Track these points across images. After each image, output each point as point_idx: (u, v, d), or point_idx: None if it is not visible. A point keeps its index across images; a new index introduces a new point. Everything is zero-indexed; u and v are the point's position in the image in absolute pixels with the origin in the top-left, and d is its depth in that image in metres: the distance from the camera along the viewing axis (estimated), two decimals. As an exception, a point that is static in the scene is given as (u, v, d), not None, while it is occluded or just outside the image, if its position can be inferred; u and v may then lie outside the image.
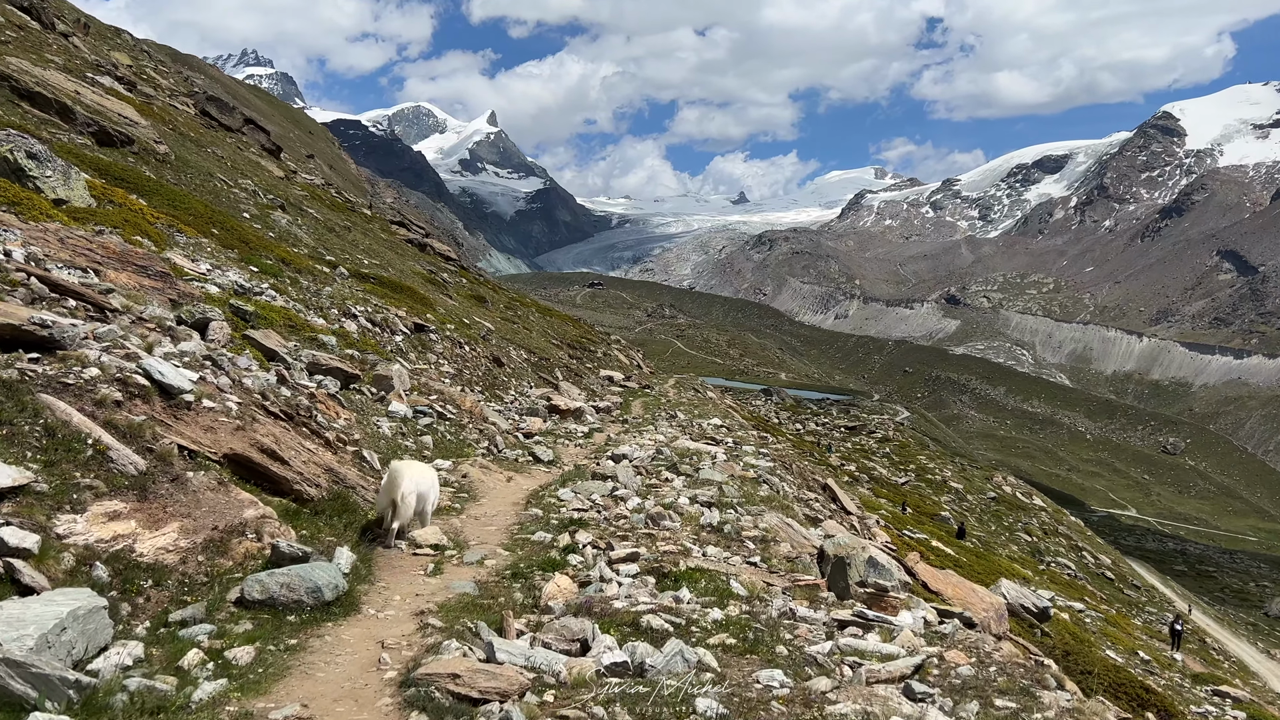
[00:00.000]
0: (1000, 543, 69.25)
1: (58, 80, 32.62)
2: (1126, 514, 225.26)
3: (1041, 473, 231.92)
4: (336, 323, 19.42)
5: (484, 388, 23.06)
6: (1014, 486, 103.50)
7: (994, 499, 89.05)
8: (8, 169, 15.96)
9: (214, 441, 7.24)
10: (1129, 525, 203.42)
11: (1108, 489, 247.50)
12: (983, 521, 77.20)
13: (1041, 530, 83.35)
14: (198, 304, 12.18)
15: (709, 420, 26.32)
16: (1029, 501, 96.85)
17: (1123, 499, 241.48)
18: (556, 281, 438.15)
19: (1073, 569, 69.60)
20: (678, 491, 11.63)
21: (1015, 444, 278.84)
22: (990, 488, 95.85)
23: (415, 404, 15.06)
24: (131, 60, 62.32)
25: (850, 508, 21.79)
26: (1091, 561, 80.00)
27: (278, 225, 35.80)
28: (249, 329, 13.70)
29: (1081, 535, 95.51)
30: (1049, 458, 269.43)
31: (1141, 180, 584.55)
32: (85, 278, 9.65)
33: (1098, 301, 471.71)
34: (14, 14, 43.58)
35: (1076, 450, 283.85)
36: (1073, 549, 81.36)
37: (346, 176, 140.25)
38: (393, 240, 60.23)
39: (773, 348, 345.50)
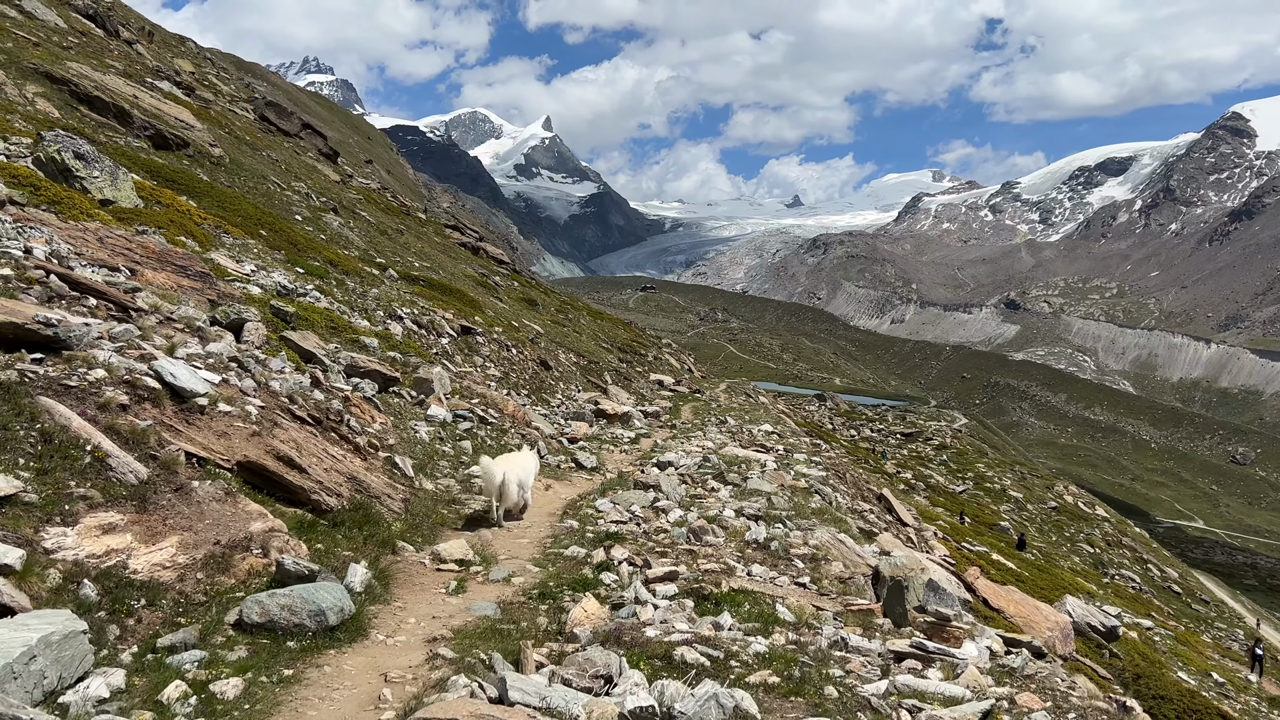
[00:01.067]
0: (1062, 554, 67.37)
1: (116, 85, 33.13)
2: (1193, 525, 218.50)
3: (1104, 482, 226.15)
4: (381, 325, 19.19)
5: (530, 391, 22.71)
6: (1076, 496, 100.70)
7: (1055, 509, 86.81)
8: (55, 169, 15.96)
9: (227, 448, 6.87)
10: (1196, 537, 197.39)
11: (1173, 499, 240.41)
12: (1043, 532, 75.22)
13: (1104, 541, 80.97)
14: (233, 304, 11.94)
15: (759, 426, 25.66)
16: (1091, 512, 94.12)
17: (1189, 510, 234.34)
18: (609, 285, 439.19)
19: (1137, 582, 67.47)
20: (723, 503, 11.01)
21: (1077, 452, 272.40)
22: (1051, 497, 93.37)
23: (455, 408, 14.70)
24: (194, 67, 63.59)
25: (907, 519, 20.96)
26: (1157, 574, 77.49)
27: (329, 228, 35.98)
28: (288, 330, 13.45)
29: (1146, 547, 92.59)
30: (1112, 467, 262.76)
31: (1209, 182, 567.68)
32: (112, 276, 9.42)
33: (1163, 307, 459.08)
34: (78, 21, 44.58)
35: (1141, 459, 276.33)
36: (1137, 561, 78.89)
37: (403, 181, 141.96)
38: (446, 244, 60.53)
39: (827, 352, 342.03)
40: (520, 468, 10.92)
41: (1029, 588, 20.27)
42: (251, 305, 14.08)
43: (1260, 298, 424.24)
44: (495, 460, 10.76)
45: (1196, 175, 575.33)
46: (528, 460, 11.42)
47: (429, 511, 9.30)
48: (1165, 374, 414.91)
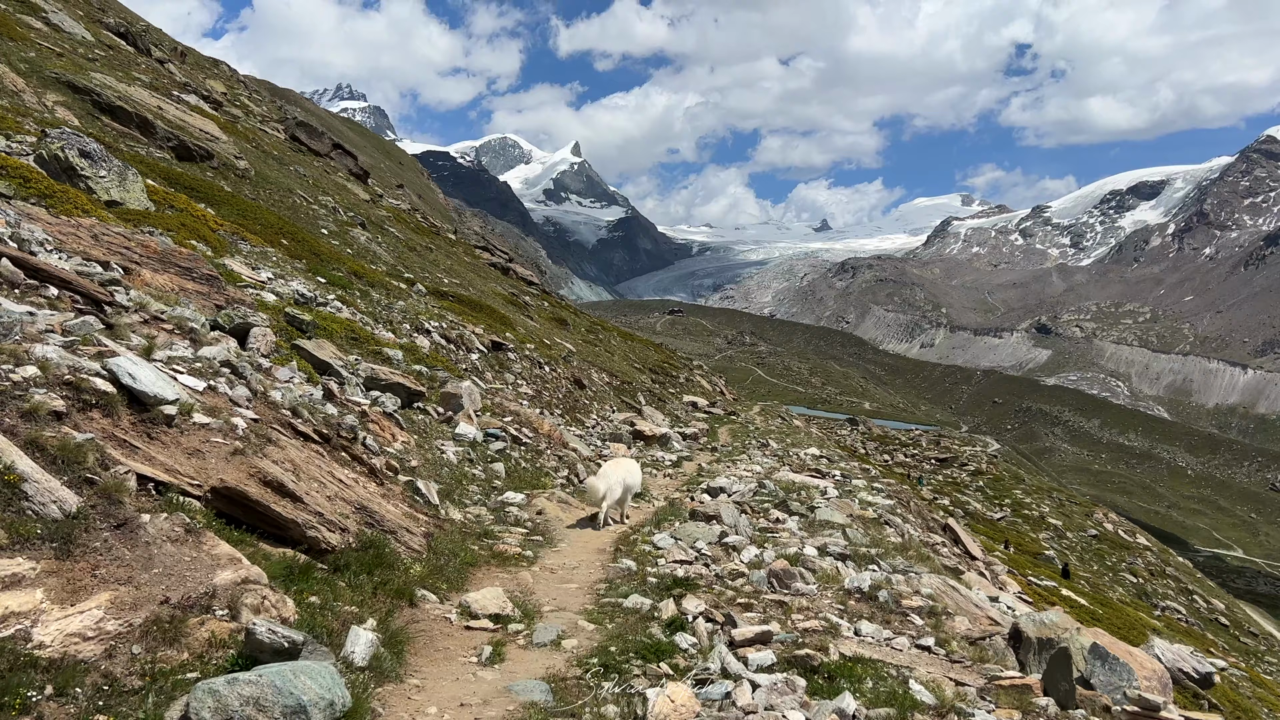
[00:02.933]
0: (1105, 584, 65.00)
1: (140, 96, 32.32)
2: (1232, 554, 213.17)
3: (1139, 509, 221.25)
4: (407, 337, 17.87)
5: (564, 410, 21.27)
6: (1115, 524, 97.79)
7: (1095, 536, 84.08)
8: (59, 168, 14.80)
9: (198, 470, 5.43)
10: (1237, 567, 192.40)
11: (1211, 527, 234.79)
12: (1084, 561, 72.72)
13: (1148, 571, 78.22)
14: (240, 308, 10.60)
15: (806, 449, 24.04)
16: (1133, 540, 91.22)
17: (1228, 538, 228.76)
18: (636, 309, 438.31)
19: (1183, 613, 64.92)
20: (800, 540, 9.40)
21: (1111, 479, 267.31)
22: (1091, 525, 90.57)
23: (486, 426, 13.25)
24: (226, 88, 63.27)
25: (975, 552, 19.22)
26: (1203, 606, 74.62)
27: (356, 242, 34.90)
28: (302, 339, 12.10)
29: (1190, 577, 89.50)
30: (1147, 494, 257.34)
31: (1244, 206, 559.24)
32: (87, 267, 8.09)
33: (1198, 332, 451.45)
34: (107, 37, 44.11)
35: (1177, 486, 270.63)
36: (1182, 591, 76.07)
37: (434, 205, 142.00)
38: (476, 263, 59.53)
39: (856, 376, 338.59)
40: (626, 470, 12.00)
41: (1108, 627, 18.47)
42: (264, 312, 12.77)
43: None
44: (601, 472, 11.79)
45: (1230, 199, 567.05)
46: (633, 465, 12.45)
47: (456, 548, 7.74)
48: (1201, 400, 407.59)
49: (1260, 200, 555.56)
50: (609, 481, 11.31)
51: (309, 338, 12.89)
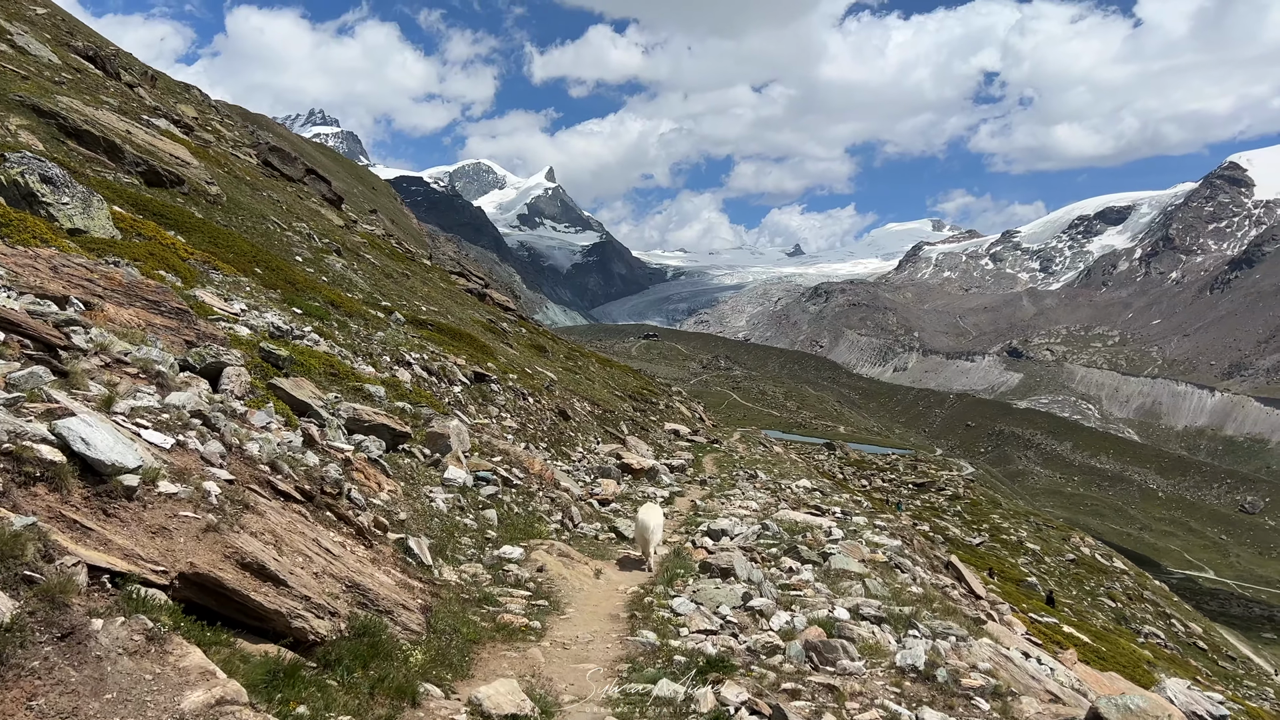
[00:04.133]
0: (1085, 609, 64.80)
1: (108, 119, 31.39)
2: (1204, 576, 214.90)
3: (1112, 532, 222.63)
4: (388, 371, 17.07)
5: (549, 444, 20.50)
6: (1092, 548, 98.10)
7: (1073, 561, 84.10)
8: (18, 194, 13.95)
9: (165, 552, 4.64)
10: (1210, 588, 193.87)
11: (1183, 549, 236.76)
12: (1063, 585, 72.61)
13: (1126, 595, 78.27)
14: (212, 346, 9.81)
15: (797, 482, 23.41)
16: (1110, 564, 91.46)
17: (1199, 560, 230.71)
18: (611, 333, 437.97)
19: (1163, 638, 64.86)
20: (826, 599, 8.63)
21: (1084, 501, 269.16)
22: (1068, 549, 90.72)
23: (476, 468, 12.48)
24: (197, 113, 62.25)
25: (980, 591, 18.59)
26: (1182, 630, 74.69)
27: (332, 269, 34.03)
28: (279, 377, 11.31)
29: (1168, 600, 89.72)
30: (1119, 516, 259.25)
31: (1209, 231, 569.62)
32: (40, 305, 7.30)
33: (1166, 355, 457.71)
34: (75, 60, 43.12)
35: (1148, 508, 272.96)
36: (1160, 615, 76.12)
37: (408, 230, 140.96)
38: (452, 289, 58.70)
39: (830, 400, 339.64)
40: (657, 519, 12.42)
41: (1115, 667, 17.91)
42: (237, 347, 11.97)
43: (1263, 345, 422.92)
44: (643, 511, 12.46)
45: (1195, 224, 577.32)
46: (659, 512, 12.78)
47: (457, 622, 6.92)
48: (1170, 422, 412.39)
49: (1224, 225, 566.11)
50: (655, 524, 12.14)
51: (286, 375, 12.11)
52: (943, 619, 8.49)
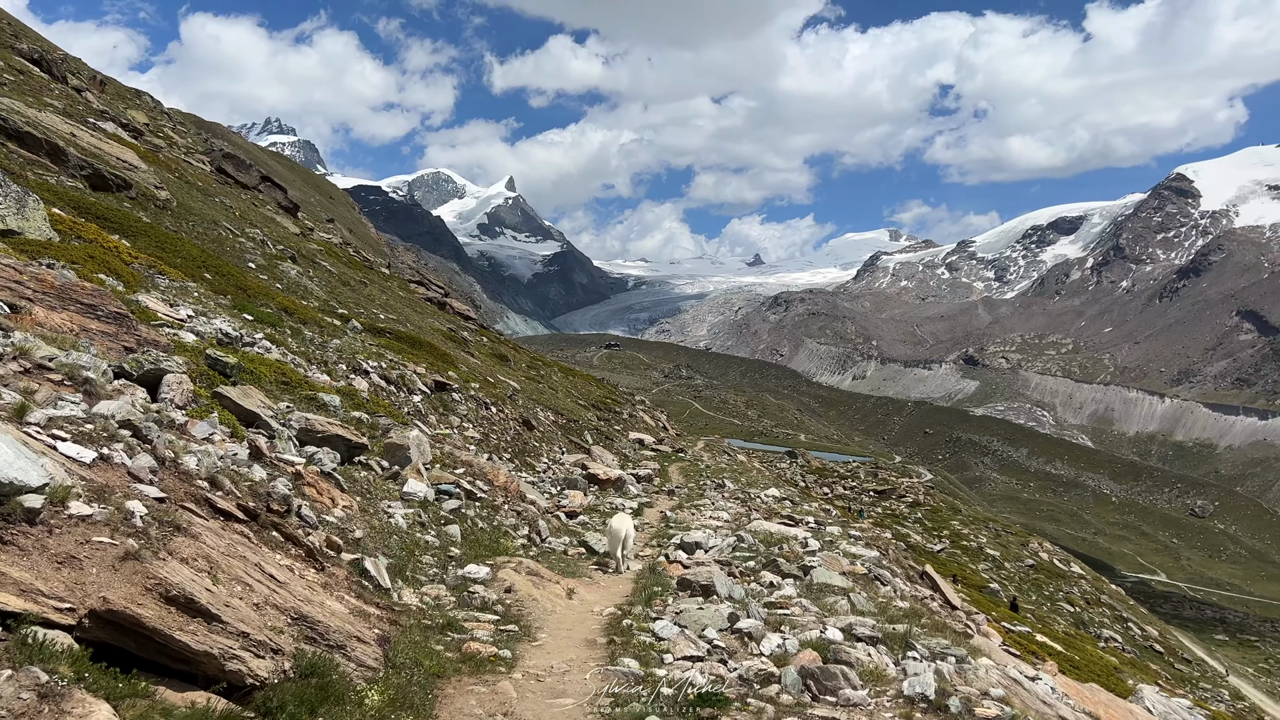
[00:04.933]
0: (1046, 614, 65.30)
1: (51, 121, 30.23)
2: (1157, 579, 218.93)
3: (1068, 537, 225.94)
4: (344, 380, 16.35)
5: (513, 455, 19.87)
6: (1050, 553, 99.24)
7: (1032, 566, 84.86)
8: (-55, 192, 13.09)
9: (73, 585, 3.98)
10: (1163, 592, 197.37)
11: (1136, 553, 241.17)
12: (1023, 591, 73.24)
13: (1084, 600, 79.15)
14: (151, 352, 9.10)
15: (766, 491, 23.00)
16: (1067, 569, 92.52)
17: (1152, 563, 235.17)
18: (573, 343, 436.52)
19: (1120, 641, 65.56)
20: (815, 617, 8.09)
21: (1040, 507, 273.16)
22: (1027, 554, 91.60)
23: (438, 481, 11.82)
24: (149, 119, 60.70)
25: (955, 601, 18.29)
26: (1138, 633, 75.65)
27: (286, 276, 33.06)
28: (225, 385, 10.60)
29: (1124, 604, 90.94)
30: (1074, 521, 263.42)
31: (1157, 241, 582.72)
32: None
33: (1118, 362, 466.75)
34: (18, 61, 41.71)
35: (1102, 513, 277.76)
36: (1117, 619, 77.04)
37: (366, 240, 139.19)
38: (411, 298, 57.71)
39: (791, 409, 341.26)
40: (628, 525, 12.66)
41: (1089, 675, 17.70)
42: (181, 354, 11.24)
43: (1210, 353, 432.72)
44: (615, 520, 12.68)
45: (1145, 234, 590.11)
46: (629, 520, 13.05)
47: (419, 653, 6.22)
48: (1122, 428, 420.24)
49: (1172, 235, 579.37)
50: (627, 530, 12.41)
51: (234, 383, 11.40)
52: (932, 635, 8.05)
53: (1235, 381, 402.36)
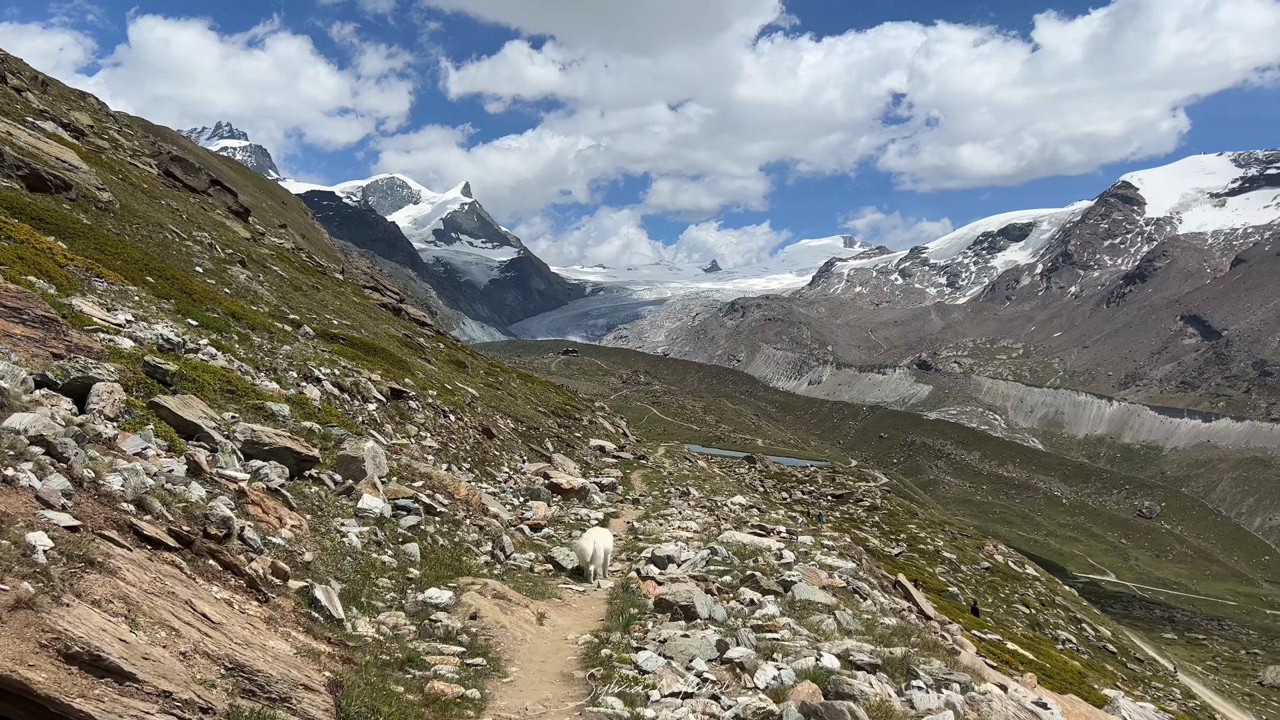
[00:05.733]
0: (1003, 616, 65.85)
1: (-15, 118, 28.92)
2: (1107, 579, 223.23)
3: (1020, 538, 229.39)
4: (294, 387, 15.55)
5: (473, 464, 19.17)
6: (1005, 555, 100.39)
7: (988, 569, 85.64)
8: None
9: (-55, 646, 3.35)
10: (1113, 592, 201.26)
11: (1086, 554, 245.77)
12: (980, 594, 73.83)
13: (1039, 602, 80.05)
14: (80, 359, 8.33)
15: (732, 499, 22.53)
16: (1022, 571, 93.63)
17: (1102, 564, 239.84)
18: (531, 349, 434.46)
19: (1075, 642, 66.30)
20: (808, 642, 7.47)
21: (992, 509, 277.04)
22: (983, 557, 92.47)
23: (395, 495, 11.11)
24: (94, 121, 58.86)
25: (929, 611, 17.94)
26: (1092, 634, 76.65)
27: (235, 281, 31.95)
28: (164, 395, 9.83)
29: (1078, 605, 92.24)
30: (1026, 523, 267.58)
31: (1104, 247, 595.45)
32: None
33: (1067, 366, 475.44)
34: (-49, 58, 40.06)
35: (1053, 515, 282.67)
36: (1072, 621, 78.02)
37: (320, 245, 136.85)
38: (366, 304, 56.51)
39: (748, 414, 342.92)
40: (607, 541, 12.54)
41: (1059, 683, 17.47)
42: (117, 361, 10.44)
43: (1156, 356, 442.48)
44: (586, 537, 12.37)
45: (1092, 240, 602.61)
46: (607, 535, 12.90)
47: (376, 699, 5.32)
48: (1072, 431, 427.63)
49: (1119, 241, 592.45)
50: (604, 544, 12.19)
51: (174, 392, 10.61)
52: (926, 655, 7.59)
53: (1180, 385, 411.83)
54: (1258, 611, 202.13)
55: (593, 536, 12.19)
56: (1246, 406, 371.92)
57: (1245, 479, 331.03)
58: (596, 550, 11.83)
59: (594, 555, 11.70)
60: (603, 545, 12.25)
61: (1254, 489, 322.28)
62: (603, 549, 12.05)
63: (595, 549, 11.84)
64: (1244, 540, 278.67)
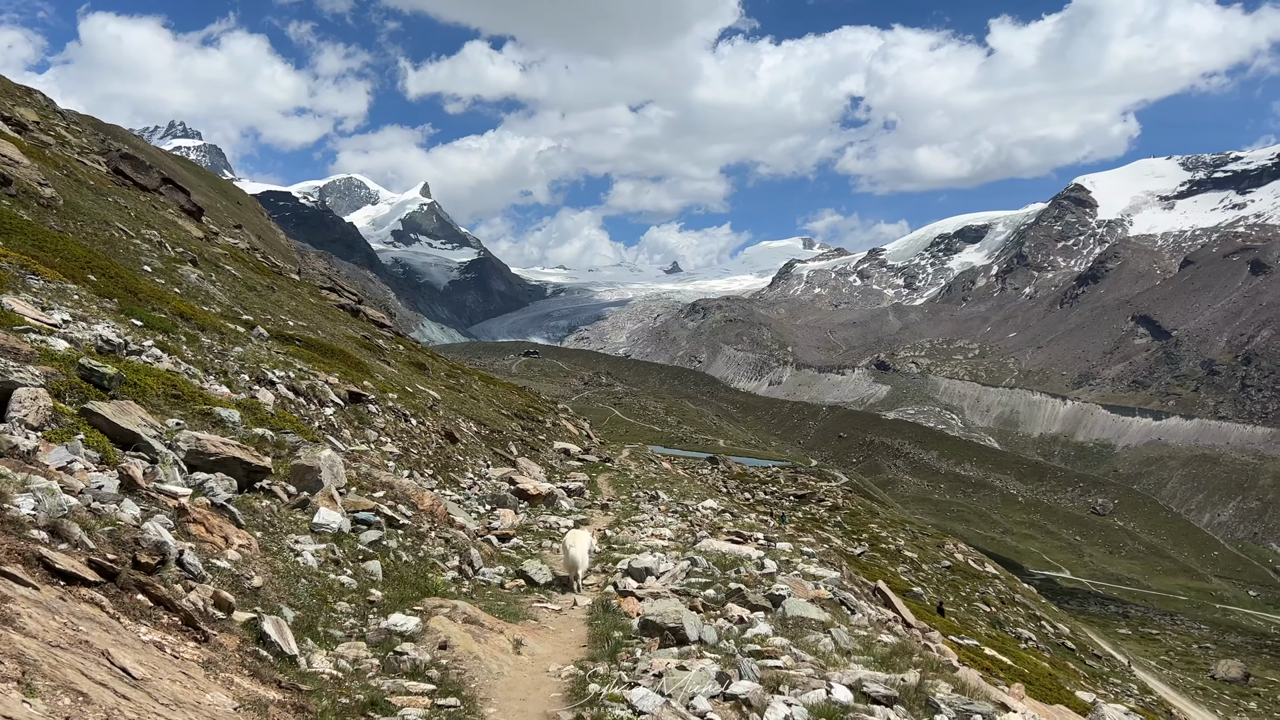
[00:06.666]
0: (964, 614, 66.15)
1: (-84, 108, 27.51)
2: (1062, 575, 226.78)
3: (978, 536, 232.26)
4: (246, 391, 14.67)
5: (436, 470, 18.37)
6: (966, 554, 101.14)
7: (949, 567, 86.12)
8: None
9: None
10: (1069, 588, 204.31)
11: (1042, 551, 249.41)
12: (941, 592, 74.19)
13: (999, 599, 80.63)
14: (8, 361, 7.48)
15: (703, 503, 21.95)
16: (982, 569, 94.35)
17: (1057, 561, 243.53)
18: (492, 351, 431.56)
19: (1035, 639, 66.82)
20: (812, 669, 6.79)
21: (950, 507, 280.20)
22: (944, 555, 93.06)
23: (354, 507, 10.30)
24: (39, 118, 56.90)
25: (909, 618, 17.47)
26: (1051, 631, 77.36)
27: (186, 280, 30.78)
28: (99, 400, 8.98)
29: (1036, 602, 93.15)
30: (983, 521, 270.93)
31: (1058, 249, 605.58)
32: None
33: (1022, 366, 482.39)
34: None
35: (1009, 513, 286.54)
36: (1031, 618, 78.70)
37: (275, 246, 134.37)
38: (323, 305, 55.21)
39: (709, 414, 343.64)
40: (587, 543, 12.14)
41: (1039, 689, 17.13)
42: (48, 363, 9.57)
43: (1108, 356, 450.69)
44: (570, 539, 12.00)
45: (1046, 242, 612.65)
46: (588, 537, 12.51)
47: None
48: (1027, 430, 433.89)
49: (1071, 243, 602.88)
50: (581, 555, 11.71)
51: (112, 397, 9.77)
52: (932, 676, 7.04)
53: (1131, 384, 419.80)
54: (1208, 606, 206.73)
55: (580, 543, 11.73)
56: (1195, 405, 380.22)
57: (1194, 476, 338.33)
58: (585, 559, 11.50)
59: (584, 565, 11.38)
60: (585, 549, 11.85)
61: (1203, 485, 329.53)
62: (586, 554, 11.73)
63: (583, 557, 11.47)
64: (1194, 536, 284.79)
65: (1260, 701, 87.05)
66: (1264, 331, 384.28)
